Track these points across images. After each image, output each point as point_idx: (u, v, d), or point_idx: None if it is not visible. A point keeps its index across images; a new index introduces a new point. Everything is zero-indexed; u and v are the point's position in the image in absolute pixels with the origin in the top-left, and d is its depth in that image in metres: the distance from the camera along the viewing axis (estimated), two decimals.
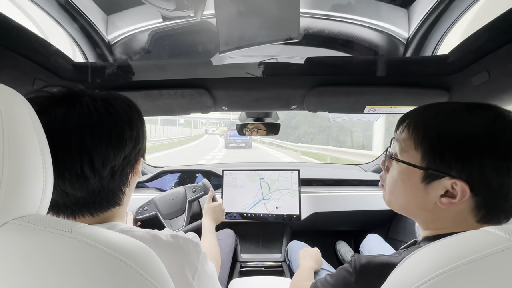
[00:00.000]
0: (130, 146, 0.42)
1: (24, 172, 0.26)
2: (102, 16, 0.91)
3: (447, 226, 0.43)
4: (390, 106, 0.87)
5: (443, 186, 0.41)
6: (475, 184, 0.38)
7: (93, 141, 0.38)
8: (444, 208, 0.41)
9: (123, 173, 0.43)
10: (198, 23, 0.95)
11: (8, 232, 0.24)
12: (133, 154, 0.44)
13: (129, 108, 0.44)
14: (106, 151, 0.39)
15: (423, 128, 0.43)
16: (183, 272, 0.44)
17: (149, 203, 1.18)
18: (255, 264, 1.28)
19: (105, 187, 0.41)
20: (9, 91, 0.27)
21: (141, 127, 0.46)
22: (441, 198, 0.41)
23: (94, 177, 0.39)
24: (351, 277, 0.48)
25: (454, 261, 0.25)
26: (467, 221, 0.41)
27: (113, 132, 0.40)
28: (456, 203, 0.40)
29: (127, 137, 0.41)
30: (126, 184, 0.45)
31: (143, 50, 1.01)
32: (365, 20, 0.92)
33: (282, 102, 0.90)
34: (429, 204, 0.43)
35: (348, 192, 1.46)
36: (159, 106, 0.85)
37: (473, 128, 0.39)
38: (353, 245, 1.67)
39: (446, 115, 0.42)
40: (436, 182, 0.41)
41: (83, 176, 0.38)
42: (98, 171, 0.39)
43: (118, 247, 0.27)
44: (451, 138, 0.40)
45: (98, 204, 0.42)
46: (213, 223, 1.00)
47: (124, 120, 0.42)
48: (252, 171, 1.38)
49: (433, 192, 0.42)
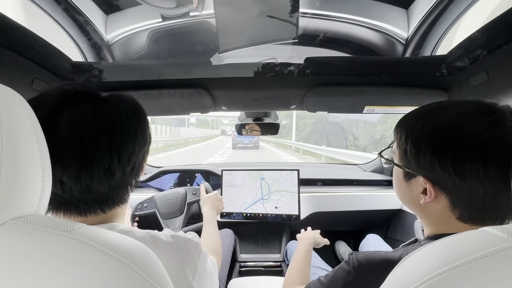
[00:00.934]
0: (148, 144, 0.47)
1: (22, 172, 0.26)
2: (101, 15, 0.91)
3: (438, 224, 0.45)
4: (389, 106, 0.87)
5: (420, 184, 0.44)
6: (441, 183, 0.41)
7: (122, 138, 0.40)
8: (427, 205, 0.44)
9: (139, 169, 0.46)
10: (197, 23, 0.95)
11: (6, 232, 0.24)
12: (147, 151, 0.47)
13: (139, 107, 0.47)
14: (134, 147, 0.42)
15: (401, 131, 0.47)
16: (184, 272, 0.44)
17: (149, 200, 1.19)
18: (254, 264, 1.28)
19: (124, 182, 0.43)
20: (7, 91, 0.27)
21: (149, 127, 0.49)
22: (420, 195, 0.45)
23: (119, 172, 0.41)
24: (349, 275, 0.48)
25: (453, 261, 0.25)
26: (451, 219, 0.43)
27: (138, 130, 0.43)
28: (429, 201, 0.43)
29: (147, 134, 0.46)
30: (136, 179, 0.48)
31: (142, 50, 1.00)
32: (364, 20, 0.92)
33: (281, 102, 0.90)
34: (416, 200, 0.46)
35: (348, 192, 1.46)
36: (158, 106, 0.85)
37: (432, 128, 0.41)
38: (352, 245, 1.68)
39: (417, 118, 0.45)
40: (414, 180, 0.45)
41: (109, 171, 0.39)
42: (122, 166, 0.41)
43: (116, 247, 0.27)
44: (413, 139, 0.43)
45: (113, 200, 0.43)
46: (214, 212, 0.97)
47: (146, 119, 0.46)
48: (253, 170, 1.38)
49: (414, 189, 0.46)
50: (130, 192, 0.47)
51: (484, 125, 0.37)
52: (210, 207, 0.99)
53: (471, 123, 0.38)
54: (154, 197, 1.18)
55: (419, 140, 0.42)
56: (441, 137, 0.40)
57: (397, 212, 1.45)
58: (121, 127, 0.40)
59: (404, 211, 1.40)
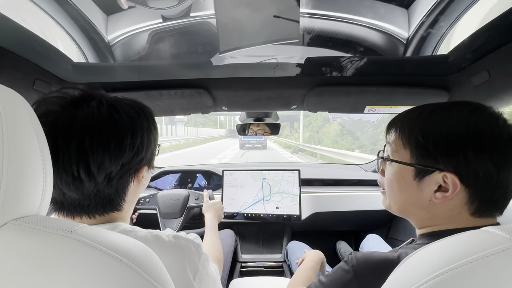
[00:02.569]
0: (130, 154, 0.41)
1: (24, 172, 0.26)
2: (102, 16, 0.91)
3: (443, 222, 0.44)
4: (390, 106, 0.87)
5: (435, 181, 0.43)
6: (464, 175, 0.40)
7: (91, 145, 0.38)
8: (439, 204, 0.43)
9: (121, 180, 0.43)
10: (198, 23, 0.95)
11: (8, 232, 0.24)
12: (134, 162, 0.43)
13: (136, 115, 0.43)
14: (103, 157, 0.39)
15: (408, 128, 0.46)
16: (185, 272, 0.44)
17: (151, 196, 1.20)
18: (256, 264, 1.28)
19: (100, 191, 0.41)
20: (9, 92, 0.27)
21: (148, 134, 0.45)
22: (435, 194, 0.43)
23: (89, 181, 0.39)
24: (348, 274, 0.48)
25: (454, 261, 0.24)
26: (462, 215, 0.42)
27: (112, 139, 0.39)
28: (450, 197, 0.41)
29: (127, 144, 0.41)
30: (125, 191, 0.45)
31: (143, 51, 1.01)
32: (365, 20, 0.91)
33: (282, 102, 0.90)
34: (424, 201, 0.45)
35: (349, 192, 1.46)
36: (159, 107, 0.85)
37: (452, 124, 0.41)
38: (353, 245, 1.67)
39: (427, 114, 0.45)
40: (428, 178, 0.43)
41: (79, 179, 0.38)
42: (93, 176, 0.39)
43: (118, 247, 0.27)
44: (434, 135, 0.42)
45: (93, 208, 0.42)
46: (216, 220, 0.99)
47: (127, 127, 0.41)
48: (254, 171, 1.38)
49: (426, 188, 0.44)
50: (122, 201, 0.45)
51: (500, 120, 0.40)
52: (213, 215, 1.00)
53: (488, 118, 0.41)
54: (157, 194, 1.20)
55: (440, 136, 0.42)
56: (469, 131, 0.40)
57: None
58: (91, 134, 0.38)
59: None
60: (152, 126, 0.46)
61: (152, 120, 0.46)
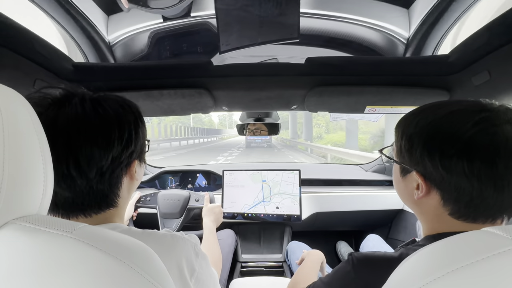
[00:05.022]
0: (119, 148, 0.41)
1: (24, 172, 0.26)
2: (103, 16, 0.91)
3: (433, 220, 0.46)
4: (390, 106, 0.86)
5: (414, 179, 0.45)
6: (431, 178, 0.42)
7: (78, 141, 0.38)
8: (422, 201, 0.45)
9: (113, 175, 0.43)
10: (198, 23, 0.95)
11: (9, 232, 0.24)
12: (124, 156, 0.43)
13: (121, 109, 0.43)
14: (92, 152, 0.39)
15: (399, 128, 0.48)
16: (181, 272, 0.44)
17: (152, 195, 1.20)
18: (256, 264, 1.28)
19: (93, 188, 0.41)
20: (9, 91, 0.27)
21: (136, 128, 0.45)
22: (414, 191, 0.46)
23: (80, 178, 0.39)
24: (348, 275, 0.48)
25: (455, 262, 0.24)
26: (444, 216, 0.43)
27: (99, 133, 0.39)
28: (422, 196, 0.44)
29: (115, 138, 0.41)
30: (118, 186, 0.44)
31: (143, 51, 1.01)
32: (365, 20, 0.92)
33: (282, 102, 0.89)
34: (411, 197, 0.47)
35: (349, 192, 1.45)
36: (159, 107, 0.85)
37: (424, 126, 0.43)
38: (354, 245, 1.67)
39: (414, 116, 0.46)
40: (409, 176, 0.47)
41: (70, 176, 0.38)
42: (84, 172, 0.39)
43: (118, 247, 0.27)
44: (409, 135, 0.44)
45: (88, 205, 0.42)
46: (214, 224, 0.99)
47: (113, 120, 0.41)
48: (255, 171, 1.38)
49: (409, 185, 0.47)
50: (117, 197, 0.45)
51: (471, 122, 0.38)
52: (213, 219, 1.00)
53: (459, 120, 0.39)
54: (158, 193, 1.20)
55: (412, 136, 0.44)
56: (431, 133, 0.41)
57: (399, 212, 1.45)
58: (77, 130, 0.38)
59: (405, 211, 1.40)
60: (139, 120, 0.46)
61: (138, 115, 0.46)
